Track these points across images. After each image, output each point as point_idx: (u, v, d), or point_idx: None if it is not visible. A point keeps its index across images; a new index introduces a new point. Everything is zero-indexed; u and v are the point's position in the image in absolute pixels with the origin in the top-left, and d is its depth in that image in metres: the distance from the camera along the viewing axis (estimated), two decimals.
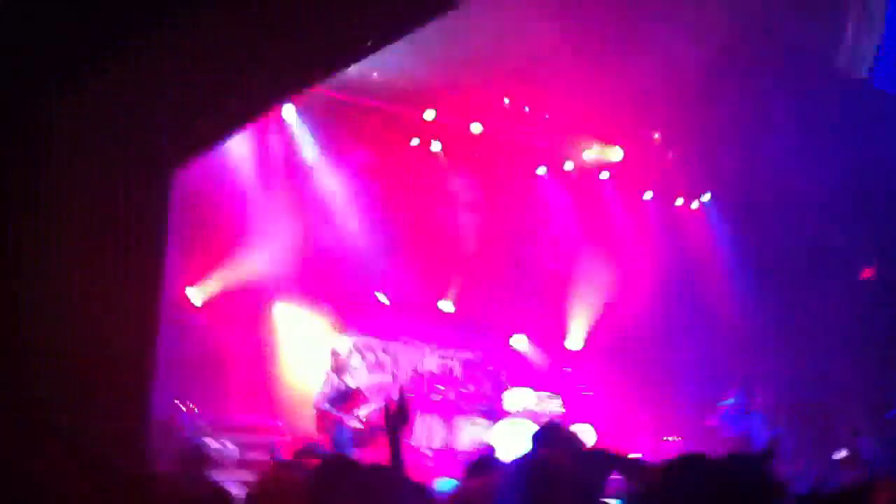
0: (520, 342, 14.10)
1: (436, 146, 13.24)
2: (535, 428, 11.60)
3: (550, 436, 3.95)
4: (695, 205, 15.44)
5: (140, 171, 2.42)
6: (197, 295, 11.34)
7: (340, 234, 12.54)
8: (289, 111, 12.10)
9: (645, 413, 13.81)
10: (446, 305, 13.66)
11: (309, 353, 11.80)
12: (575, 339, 14.51)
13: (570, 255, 14.77)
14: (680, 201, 15.40)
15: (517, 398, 12.17)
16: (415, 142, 13.14)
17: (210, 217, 11.13)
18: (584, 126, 13.62)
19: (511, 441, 11.49)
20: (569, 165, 14.43)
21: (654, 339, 14.17)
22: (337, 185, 12.63)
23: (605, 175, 14.63)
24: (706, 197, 15.33)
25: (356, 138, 12.62)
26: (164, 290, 2.49)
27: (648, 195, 15.10)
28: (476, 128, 13.20)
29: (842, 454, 6.74)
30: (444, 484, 6.47)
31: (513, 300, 13.58)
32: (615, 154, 14.37)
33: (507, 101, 13.11)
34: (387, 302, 12.99)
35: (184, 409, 10.08)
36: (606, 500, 4.22)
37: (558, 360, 14.07)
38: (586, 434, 11.79)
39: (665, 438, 13.72)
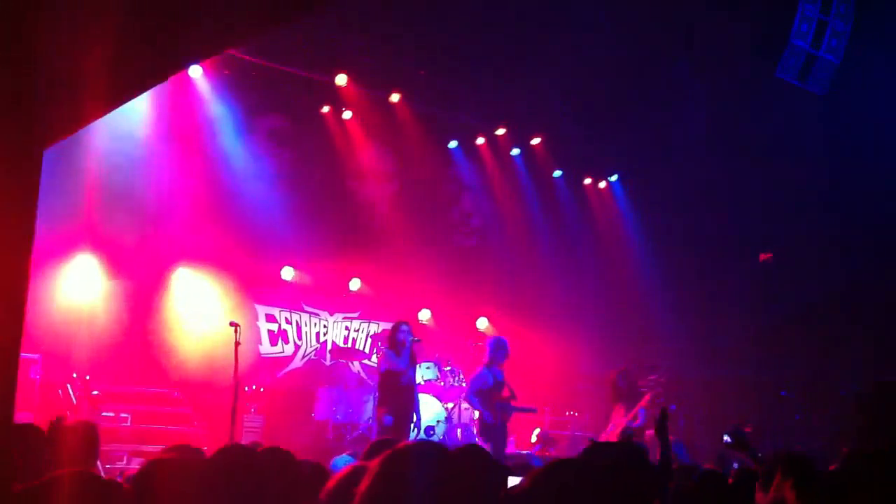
0: (427, 317, 14.12)
1: (347, 114, 13.01)
2: (438, 403, 11.71)
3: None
4: (602, 184, 15.67)
5: (8, 149, 2.26)
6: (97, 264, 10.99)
7: (247, 201, 12.23)
8: (196, 72, 11.69)
9: (547, 388, 14.03)
10: (354, 284, 13.54)
11: (208, 322, 11.52)
12: (483, 314, 14.61)
13: (480, 230, 14.84)
14: (588, 181, 15.61)
15: (421, 372, 12.16)
16: (325, 109, 12.87)
17: (112, 181, 10.72)
18: (497, 103, 13.59)
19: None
20: (480, 140, 14.41)
21: (560, 316, 14.36)
22: (245, 150, 12.30)
23: (515, 152, 14.67)
24: (613, 177, 15.58)
25: (267, 103, 12.30)
26: (30, 270, 2.34)
27: (558, 173, 15.24)
28: (394, 97, 13.01)
29: (727, 440, 6.92)
30: (342, 460, 6.42)
31: (422, 274, 13.54)
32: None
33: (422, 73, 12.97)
34: (294, 275, 12.81)
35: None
36: None
37: (465, 335, 14.14)
38: None
39: (567, 413, 14.03)
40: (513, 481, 3.42)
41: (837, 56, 12.25)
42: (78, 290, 10.86)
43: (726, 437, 7.47)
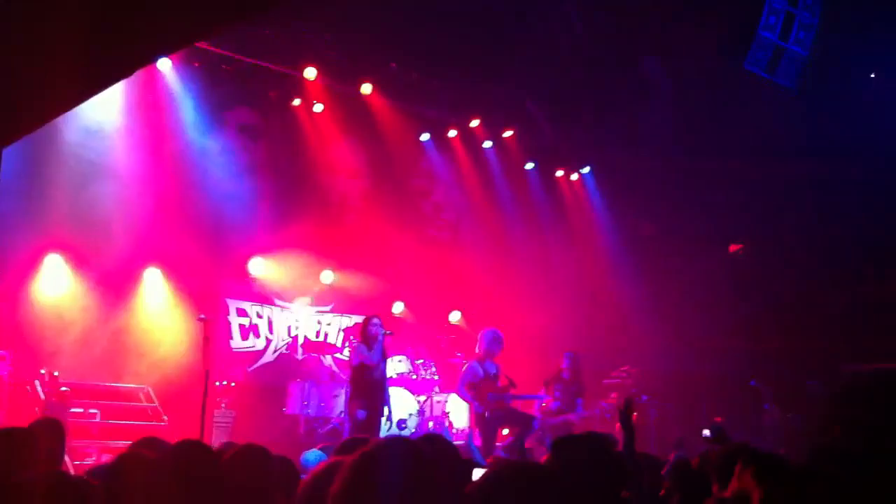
0: (399, 309, 14.10)
1: (318, 107, 12.92)
2: (410, 396, 11.73)
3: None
4: (574, 177, 15.73)
5: None
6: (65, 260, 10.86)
7: (217, 195, 12.10)
8: (165, 65, 11.56)
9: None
10: (326, 276, 13.47)
11: (178, 317, 11.43)
12: (456, 307, 14.62)
13: (451, 222, 14.84)
14: (560, 173, 15.66)
15: (393, 365, 12.16)
16: (296, 102, 12.78)
17: (80, 177, 10.62)
18: (469, 96, 13.58)
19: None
20: (452, 133, 14.39)
21: (532, 309, 14.39)
22: (214, 144, 12.18)
23: (487, 144, 14.68)
24: (586, 170, 15.64)
25: (237, 96, 12.21)
26: None
27: (530, 166, 15.28)
28: (366, 88, 12.93)
29: (706, 433, 7.00)
30: (312, 455, 6.40)
31: (395, 267, 13.52)
32: None
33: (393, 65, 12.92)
34: (265, 269, 12.73)
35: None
36: None
37: (438, 328, 14.15)
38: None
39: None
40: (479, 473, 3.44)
41: (805, 48, 12.36)
42: (47, 285, 10.72)
43: (706, 432, 7.59)
